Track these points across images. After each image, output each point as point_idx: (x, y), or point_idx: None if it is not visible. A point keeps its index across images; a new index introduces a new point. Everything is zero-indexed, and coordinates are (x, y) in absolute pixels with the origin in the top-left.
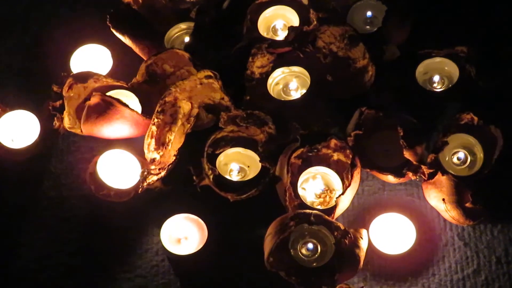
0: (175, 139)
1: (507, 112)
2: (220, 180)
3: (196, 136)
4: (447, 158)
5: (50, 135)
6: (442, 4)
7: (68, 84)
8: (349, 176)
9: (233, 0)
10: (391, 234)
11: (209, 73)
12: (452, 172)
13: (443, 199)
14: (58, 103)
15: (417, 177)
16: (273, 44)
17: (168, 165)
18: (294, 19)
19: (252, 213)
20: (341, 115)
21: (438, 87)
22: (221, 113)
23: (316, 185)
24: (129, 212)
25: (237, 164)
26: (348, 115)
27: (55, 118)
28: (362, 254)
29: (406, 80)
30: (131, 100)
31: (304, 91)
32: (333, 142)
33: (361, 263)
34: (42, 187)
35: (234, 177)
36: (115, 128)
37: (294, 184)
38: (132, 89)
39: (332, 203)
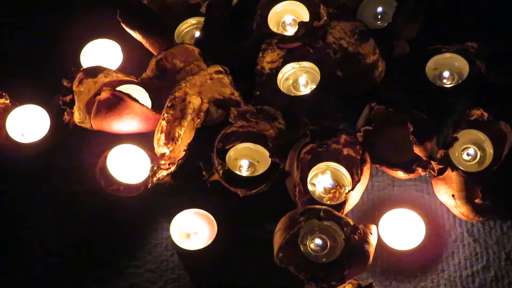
0: (185, 134)
1: None
2: (230, 175)
3: (206, 131)
4: (457, 154)
5: (60, 130)
6: (452, 0)
7: (78, 78)
8: (359, 172)
9: None
10: (400, 230)
11: (219, 68)
12: (462, 168)
13: (453, 195)
14: (68, 98)
15: (427, 173)
16: (283, 39)
17: (178, 160)
18: (304, 14)
19: (262, 209)
20: (351, 111)
21: (448, 83)
22: (231, 108)
23: (326, 180)
24: (139, 207)
25: (247, 160)
26: (358, 110)
27: (65, 112)
28: (372, 249)
29: (416, 76)
30: (141, 95)
31: (314, 86)
32: (343, 137)
33: (371, 258)
34: (51, 182)
35: (244, 172)
36: (125, 123)
37: (303, 180)
38: (142, 84)
39: (342, 198)
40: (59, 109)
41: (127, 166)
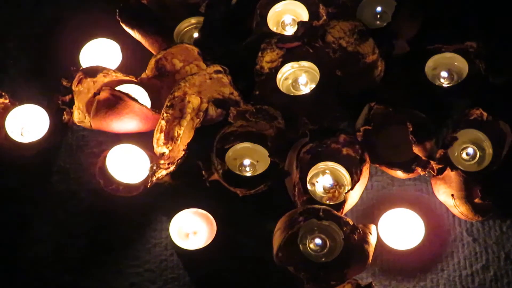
0: (184, 134)
1: None
2: (229, 175)
3: (205, 131)
4: (456, 154)
5: (59, 129)
6: None
7: (77, 78)
8: (358, 171)
9: None
10: (400, 230)
11: (218, 68)
12: (461, 168)
13: (452, 195)
14: (67, 97)
15: (426, 172)
16: (282, 39)
17: (177, 160)
18: (303, 14)
19: (261, 208)
20: (351, 110)
21: (447, 83)
22: (231, 108)
23: (325, 180)
24: (138, 207)
25: (248, 159)
26: (357, 110)
27: (65, 112)
28: (371, 249)
29: (416, 76)
30: (141, 94)
31: (313, 86)
32: (342, 137)
33: (370, 258)
34: (51, 181)
35: (246, 172)
36: (124, 122)
37: (303, 179)
38: (141, 83)
39: (341, 198)
40: (59, 108)
41: (127, 165)
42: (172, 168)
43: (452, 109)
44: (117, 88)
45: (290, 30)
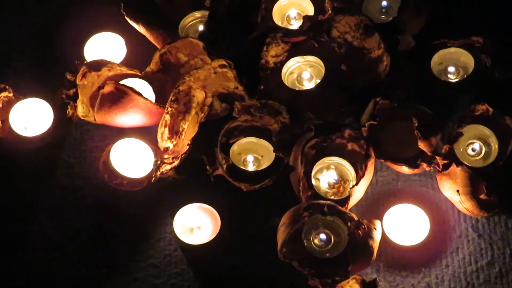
0: (189, 128)
1: None
2: (234, 170)
3: (210, 126)
4: (461, 149)
5: (63, 124)
6: None
7: (81, 72)
8: (363, 167)
9: None
10: (405, 225)
11: (223, 62)
12: (467, 163)
13: (458, 191)
14: (71, 91)
15: (432, 168)
16: (287, 33)
17: (182, 154)
18: (309, 8)
19: (266, 203)
20: (356, 105)
21: (453, 78)
22: (235, 102)
23: (330, 175)
24: (142, 201)
25: (252, 155)
26: (363, 105)
27: (69, 106)
28: (376, 245)
29: (421, 71)
30: (145, 88)
31: (318, 80)
32: (347, 132)
33: (375, 254)
34: (55, 176)
35: (250, 168)
36: (128, 116)
37: (307, 174)
38: (146, 77)
39: (346, 193)
40: (63, 102)
41: (131, 160)
42: (176, 162)
43: (457, 105)
44: (122, 82)
45: (295, 25)
